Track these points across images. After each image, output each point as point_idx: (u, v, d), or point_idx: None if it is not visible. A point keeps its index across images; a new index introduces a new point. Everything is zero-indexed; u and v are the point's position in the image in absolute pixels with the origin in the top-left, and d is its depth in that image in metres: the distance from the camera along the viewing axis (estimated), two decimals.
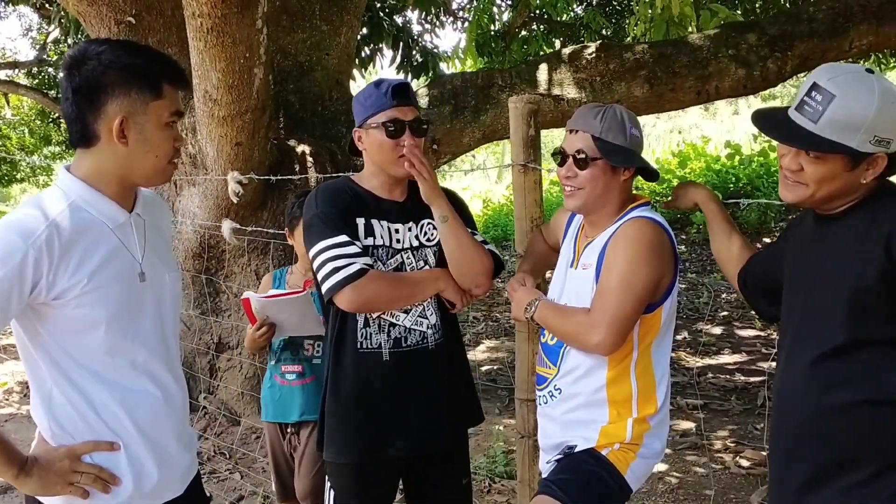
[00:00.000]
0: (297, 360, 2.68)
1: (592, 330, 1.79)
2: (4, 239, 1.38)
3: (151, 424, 1.54)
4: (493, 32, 8.10)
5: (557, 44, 8.38)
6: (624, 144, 1.85)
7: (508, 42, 8.05)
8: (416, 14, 7.61)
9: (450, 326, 2.11)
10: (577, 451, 1.89)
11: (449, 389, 2.08)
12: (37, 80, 10.14)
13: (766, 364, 5.65)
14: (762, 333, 6.59)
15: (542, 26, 8.49)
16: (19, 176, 15.54)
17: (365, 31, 6.64)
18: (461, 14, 8.52)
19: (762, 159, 11.12)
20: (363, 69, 7.16)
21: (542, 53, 7.82)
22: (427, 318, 2.04)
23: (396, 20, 7.29)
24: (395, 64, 7.29)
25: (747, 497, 3.58)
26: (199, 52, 3.32)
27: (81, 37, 6.40)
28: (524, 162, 2.33)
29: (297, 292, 2.47)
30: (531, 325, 2.17)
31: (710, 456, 4.07)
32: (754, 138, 12.96)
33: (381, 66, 7.65)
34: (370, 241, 1.98)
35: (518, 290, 2.05)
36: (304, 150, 4.29)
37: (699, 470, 3.92)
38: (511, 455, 3.82)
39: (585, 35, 8.01)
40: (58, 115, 10.18)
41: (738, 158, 11.60)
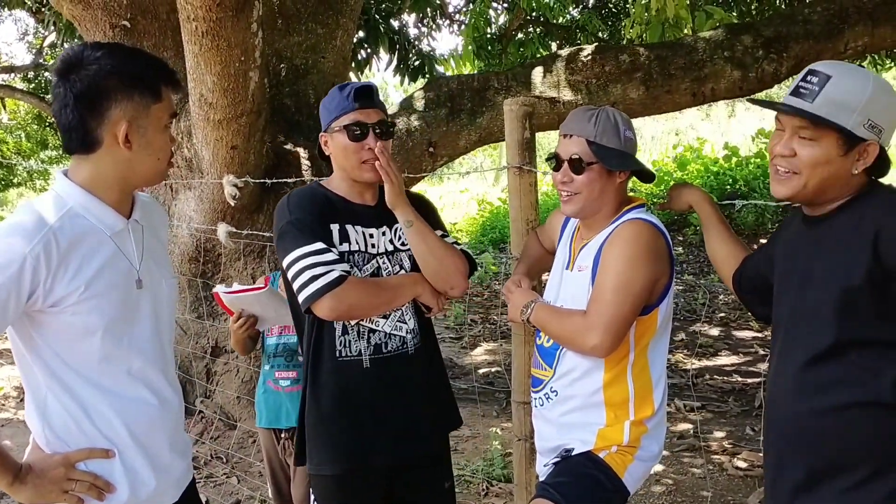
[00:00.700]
0: (292, 366, 2.66)
1: (589, 332, 1.78)
2: (2, 245, 1.36)
3: (147, 432, 1.54)
4: (489, 35, 8.10)
5: (554, 46, 8.39)
6: (619, 147, 1.85)
7: (505, 45, 8.05)
8: (413, 17, 7.62)
9: (427, 330, 2.08)
10: (574, 454, 1.88)
11: (429, 393, 2.06)
12: (33, 85, 10.14)
13: (763, 365, 5.64)
14: (759, 335, 6.59)
15: (538, 29, 8.49)
16: (16, 180, 15.57)
17: (361, 34, 6.65)
18: (457, 17, 8.53)
19: (759, 161, 11.14)
20: (360, 72, 7.16)
21: (538, 56, 7.82)
22: (406, 323, 2.00)
23: (393, 24, 7.29)
24: (392, 67, 7.30)
25: (744, 499, 3.57)
26: (194, 55, 3.32)
27: (75, 41, 6.39)
28: (519, 164, 2.33)
29: (258, 288, 2.46)
30: (527, 327, 2.16)
31: (707, 458, 4.06)
32: (752, 139, 12.99)
33: (378, 69, 7.67)
34: (346, 246, 1.93)
35: (514, 293, 2.03)
36: (300, 153, 4.29)
37: (696, 471, 3.91)
38: (508, 458, 3.81)
39: (581, 37, 8.02)
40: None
41: (734, 160, 11.62)
